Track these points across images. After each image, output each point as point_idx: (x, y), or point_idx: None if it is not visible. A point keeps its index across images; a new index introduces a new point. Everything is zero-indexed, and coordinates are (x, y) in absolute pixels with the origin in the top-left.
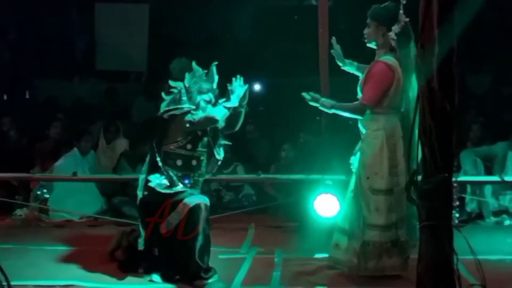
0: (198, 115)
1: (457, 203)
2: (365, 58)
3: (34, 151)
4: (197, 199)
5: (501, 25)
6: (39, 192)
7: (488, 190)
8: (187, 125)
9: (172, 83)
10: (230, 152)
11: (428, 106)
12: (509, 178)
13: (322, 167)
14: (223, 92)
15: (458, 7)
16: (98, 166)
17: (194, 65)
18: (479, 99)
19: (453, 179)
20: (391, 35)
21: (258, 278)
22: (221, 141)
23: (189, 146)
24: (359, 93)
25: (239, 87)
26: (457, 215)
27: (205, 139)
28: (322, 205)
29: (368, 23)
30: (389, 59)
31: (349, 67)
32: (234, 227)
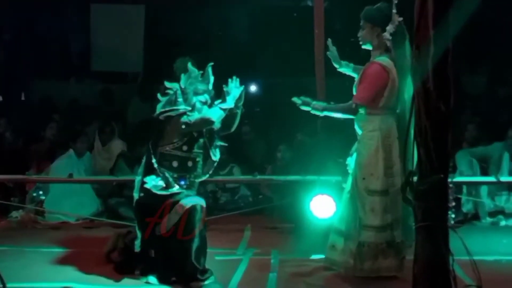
0: (194, 117)
1: (453, 204)
2: (361, 58)
3: (29, 152)
4: (193, 201)
5: (497, 25)
6: (35, 194)
7: (484, 190)
8: (183, 127)
9: (167, 84)
10: (226, 153)
11: (423, 106)
12: (504, 178)
13: (318, 168)
14: (219, 93)
15: (453, 8)
16: (94, 167)
17: (190, 66)
18: (475, 100)
19: (449, 180)
20: (386, 35)
21: (254, 279)
22: (217, 142)
23: (185, 147)
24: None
25: (235, 88)
26: (453, 216)
27: (201, 140)
28: (318, 206)
29: (362, 25)
30: (384, 60)
31: (345, 68)
32: (230, 229)
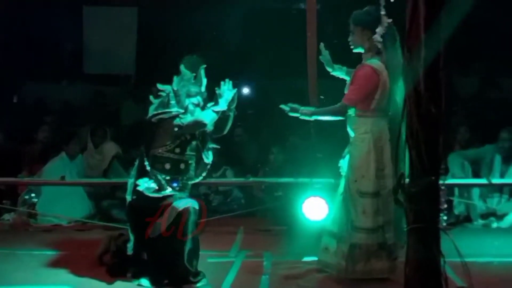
0: (186, 119)
1: (444, 206)
2: (353, 61)
3: (22, 155)
4: (186, 203)
5: (489, 28)
6: (27, 196)
7: (475, 192)
8: (176, 129)
9: (160, 86)
10: (219, 155)
11: (415, 109)
12: (496, 180)
13: (310, 170)
14: (212, 95)
15: (445, 11)
16: (86, 170)
17: (182, 68)
18: (467, 102)
19: (441, 182)
20: (377, 37)
21: (247, 282)
22: (210, 145)
23: (177, 150)
24: None
25: (227, 90)
26: (445, 218)
27: (194, 142)
28: (310, 208)
29: (351, 30)
30: (375, 62)
31: (338, 72)
32: (223, 231)
